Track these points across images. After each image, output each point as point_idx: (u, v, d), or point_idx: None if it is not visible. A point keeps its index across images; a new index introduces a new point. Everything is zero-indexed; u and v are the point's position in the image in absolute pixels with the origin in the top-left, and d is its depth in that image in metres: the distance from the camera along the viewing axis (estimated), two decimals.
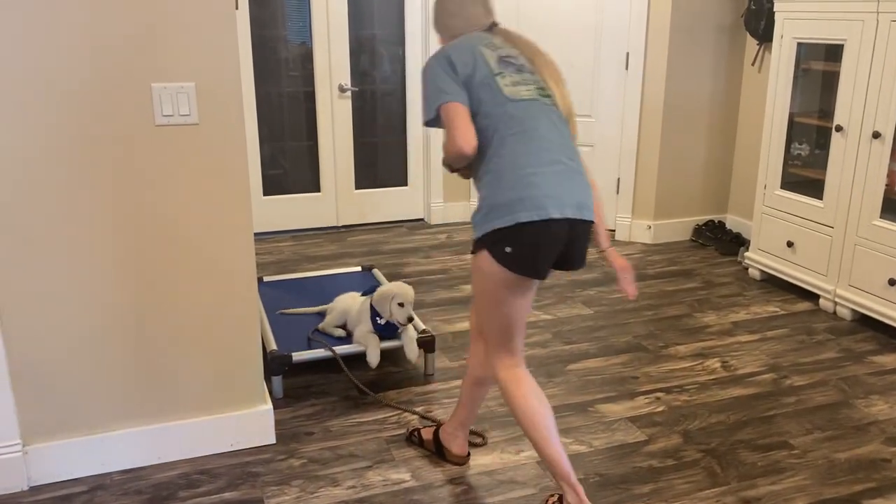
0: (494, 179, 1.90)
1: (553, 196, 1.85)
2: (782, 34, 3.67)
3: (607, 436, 2.54)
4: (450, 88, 1.93)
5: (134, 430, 2.32)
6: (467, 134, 1.90)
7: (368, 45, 4.70)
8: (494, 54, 2.00)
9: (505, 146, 1.91)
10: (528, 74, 2.01)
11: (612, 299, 3.72)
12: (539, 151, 1.90)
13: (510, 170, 1.88)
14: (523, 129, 1.91)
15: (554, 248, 1.91)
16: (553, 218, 1.84)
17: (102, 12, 1.98)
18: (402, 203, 5.01)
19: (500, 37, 2.09)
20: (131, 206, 2.14)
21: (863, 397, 2.79)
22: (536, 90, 1.99)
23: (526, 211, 1.84)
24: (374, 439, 2.51)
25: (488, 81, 1.94)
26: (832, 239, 3.50)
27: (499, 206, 1.87)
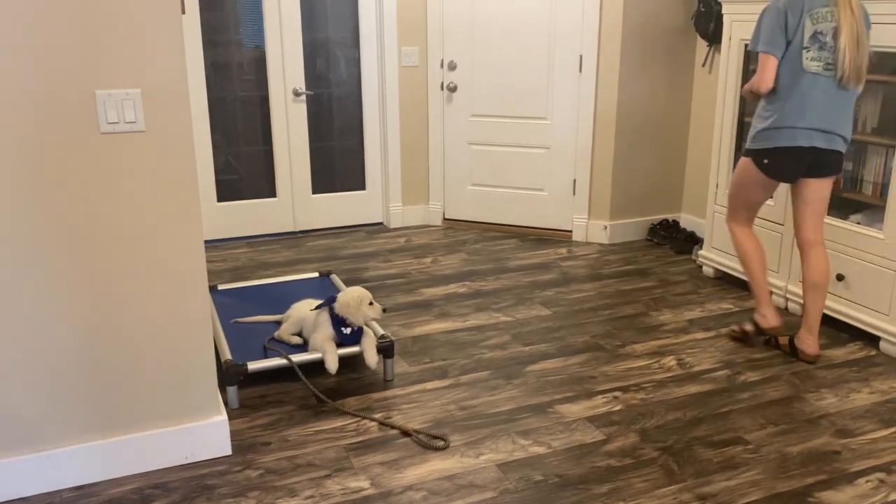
0: (777, 112, 2.84)
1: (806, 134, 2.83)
2: (730, 36, 3.74)
3: (566, 436, 2.55)
4: (775, 44, 2.78)
5: (84, 445, 2.26)
6: (769, 81, 2.81)
7: (323, 49, 4.67)
8: (812, 28, 2.76)
9: (785, 96, 2.81)
10: (826, 52, 2.77)
11: (570, 300, 3.75)
12: (805, 106, 2.79)
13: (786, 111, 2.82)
14: (801, 91, 2.79)
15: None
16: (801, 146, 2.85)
17: (43, 18, 1.93)
18: (361, 207, 4.99)
19: (834, 2, 2.75)
20: (77, 216, 2.08)
21: (813, 391, 2.86)
22: (824, 66, 2.79)
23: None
24: (332, 447, 2.49)
25: (797, 53, 2.78)
26: (782, 236, 3.58)
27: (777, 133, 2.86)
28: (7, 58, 1.92)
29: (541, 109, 4.61)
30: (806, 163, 2.87)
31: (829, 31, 2.75)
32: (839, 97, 2.81)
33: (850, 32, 2.73)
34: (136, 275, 2.19)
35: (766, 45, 2.79)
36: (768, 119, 2.86)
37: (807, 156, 2.85)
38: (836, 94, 2.81)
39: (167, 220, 2.18)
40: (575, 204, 4.68)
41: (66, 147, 2.03)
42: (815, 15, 2.75)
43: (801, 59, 2.78)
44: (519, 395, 2.83)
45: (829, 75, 2.78)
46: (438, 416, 2.67)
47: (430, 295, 3.81)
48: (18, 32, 1.92)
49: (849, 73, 2.76)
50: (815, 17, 2.75)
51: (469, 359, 3.12)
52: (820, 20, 2.75)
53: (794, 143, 2.82)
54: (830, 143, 2.84)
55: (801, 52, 2.77)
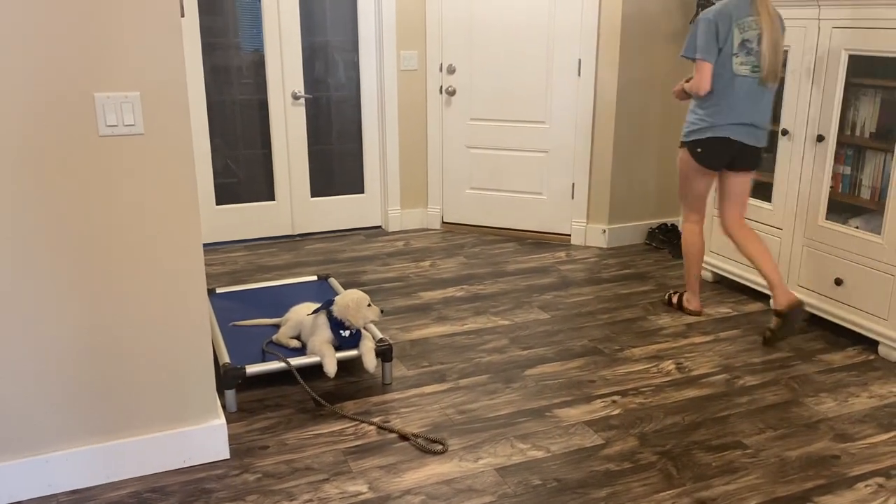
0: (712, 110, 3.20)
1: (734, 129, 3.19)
2: None
3: (564, 440, 2.55)
4: (709, 51, 3.11)
5: (81, 448, 2.25)
6: (707, 84, 3.14)
7: (322, 52, 4.67)
8: (740, 37, 3.10)
9: (719, 97, 3.16)
10: (752, 57, 3.12)
11: (569, 303, 3.75)
12: (736, 106, 3.15)
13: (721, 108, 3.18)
14: (733, 92, 3.14)
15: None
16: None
17: (43, 21, 1.92)
18: (359, 211, 4.98)
19: (756, 11, 3.09)
20: (76, 219, 2.08)
21: (812, 395, 2.86)
22: (751, 69, 3.13)
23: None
24: (330, 451, 2.48)
25: (728, 59, 3.12)
26: (781, 240, 3.58)
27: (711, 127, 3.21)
28: (6, 60, 1.92)
29: (539, 113, 4.62)
30: (732, 154, 3.25)
31: (754, 38, 3.11)
32: (762, 95, 3.18)
33: (769, 38, 3.10)
34: (134, 278, 2.18)
35: (702, 53, 3.13)
36: (704, 117, 3.21)
37: (733, 148, 3.23)
38: (759, 92, 3.18)
39: (166, 223, 2.17)
40: (573, 208, 4.68)
41: (65, 149, 2.03)
42: (742, 24, 3.11)
43: (732, 63, 3.13)
44: (517, 398, 2.83)
45: (755, 76, 3.15)
46: (437, 420, 2.67)
47: (428, 298, 3.81)
48: (18, 35, 1.91)
49: (768, 73, 3.13)
50: (742, 26, 3.11)
51: (467, 363, 3.11)
52: (746, 29, 3.11)
53: (724, 135, 3.20)
54: (754, 138, 3.23)
55: (732, 57, 3.12)
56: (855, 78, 3.22)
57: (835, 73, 3.22)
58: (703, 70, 3.14)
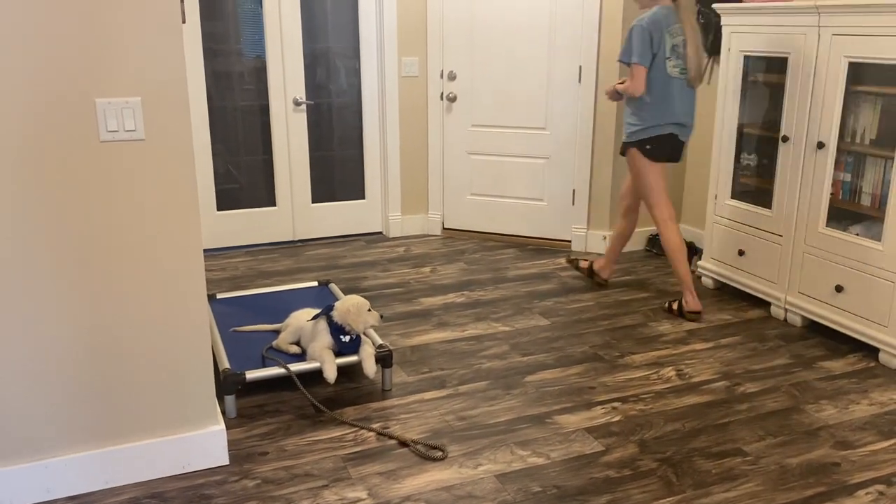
0: (649, 110, 3.49)
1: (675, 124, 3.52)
2: (729, 47, 3.75)
3: (565, 447, 2.54)
4: (644, 55, 3.37)
5: (80, 454, 2.25)
6: (643, 87, 3.42)
7: (323, 59, 4.68)
8: (671, 42, 3.40)
9: (658, 98, 3.45)
10: (680, 60, 3.44)
11: (569, 310, 3.75)
12: (670, 106, 3.46)
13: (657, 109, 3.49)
14: (669, 92, 3.44)
15: None
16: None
17: (44, 27, 1.93)
18: (360, 216, 4.99)
19: (680, 19, 3.42)
20: (77, 224, 2.08)
21: (813, 402, 2.85)
22: (680, 71, 3.45)
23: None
24: (330, 458, 2.48)
25: (662, 63, 3.41)
26: (781, 247, 3.58)
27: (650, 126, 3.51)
28: (8, 65, 1.92)
29: (540, 120, 4.62)
30: (673, 149, 3.57)
31: (681, 43, 3.44)
32: (690, 95, 3.53)
33: (693, 44, 3.44)
34: (134, 283, 2.18)
35: (638, 58, 3.39)
36: (648, 118, 3.50)
37: (675, 143, 3.56)
38: (688, 93, 3.52)
39: (166, 228, 2.18)
40: (574, 214, 4.68)
41: (66, 154, 2.03)
42: (672, 31, 3.42)
43: (666, 67, 3.43)
44: (517, 405, 2.82)
45: (683, 78, 3.48)
46: (437, 427, 2.66)
47: (428, 304, 3.81)
48: (19, 41, 1.92)
49: (695, 75, 3.47)
50: (672, 32, 3.42)
51: (467, 369, 3.11)
52: (675, 35, 3.43)
53: (667, 132, 3.51)
54: (686, 135, 3.58)
55: (665, 61, 3.42)
56: (855, 85, 3.22)
57: (835, 80, 3.22)
58: (640, 74, 3.40)
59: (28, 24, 1.92)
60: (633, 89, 3.44)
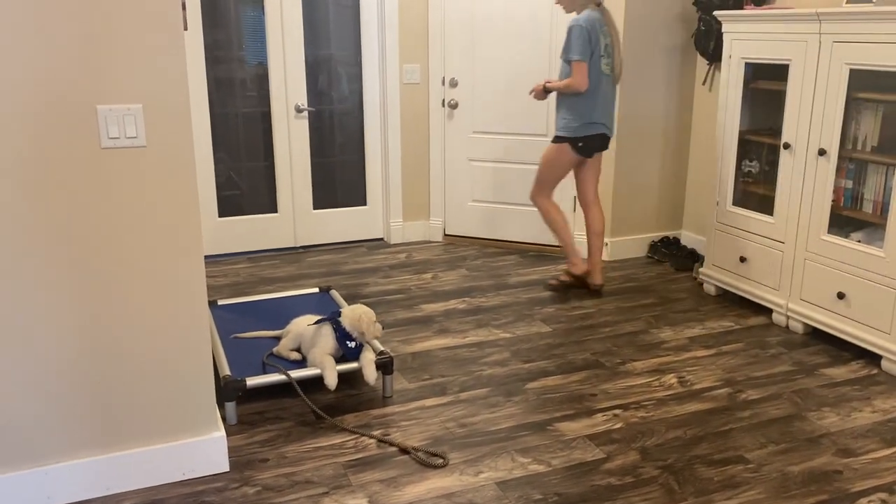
0: (583, 107, 3.74)
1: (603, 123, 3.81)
2: (731, 54, 3.76)
3: (566, 454, 2.54)
4: (584, 53, 3.61)
5: (81, 460, 2.24)
6: (586, 82, 3.64)
7: (325, 66, 4.69)
8: (602, 42, 3.67)
9: (592, 94, 3.70)
10: (609, 59, 3.72)
11: (571, 316, 3.74)
12: (601, 102, 3.74)
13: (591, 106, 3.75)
14: (601, 89, 3.72)
15: None
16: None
17: (46, 34, 1.94)
18: (361, 223, 4.99)
19: (606, 20, 3.70)
20: (77, 230, 2.09)
21: (815, 410, 2.84)
22: (609, 69, 3.74)
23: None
24: (330, 465, 2.47)
25: (597, 59, 3.66)
26: (783, 254, 3.57)
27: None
28: (10, 72, 1.93)
29: (541, 126, 4.62)
30: (600, 144, 3.84)
31: (610, 42, 3.72)
32: (614, 92, 3.83)
33: (618, 43, 3.75)
34: (135, 289, 2.18)
35: (580, 55, 3.61)
36: (584, 113, 3.73)
37: (603, 140, 3.83)
38: (614, 89, 3.82)
39: (167, 235, 2.18)
40: (576, 221, 4.67)
41: (67, 161, 2.03)
42: (603, 31, 3.67)
43: (600, 64, 3.69)
44: (518, 412, 2.82)
45: (611, 75, 3.76)
46: (437, 434, 2.66)
47: (429, 311, 3.81)
48: (21, 48, 1.93)
49: (619, 72, 3.79)
50: (603, 32, 3.68)
51: (469, 375, 3.11)
52: (605, 35, 3.68)
53: (599, 132, 3.78)
54: (611, 129, 3.88)
55: (600, 59, 3.68)
56: (856, 92, 3.23)
57: (836, 87, 3.22)
58: (583, 70, 3.62)
59: (30, 31, 1.93)
60: (578, 85, 3.64)
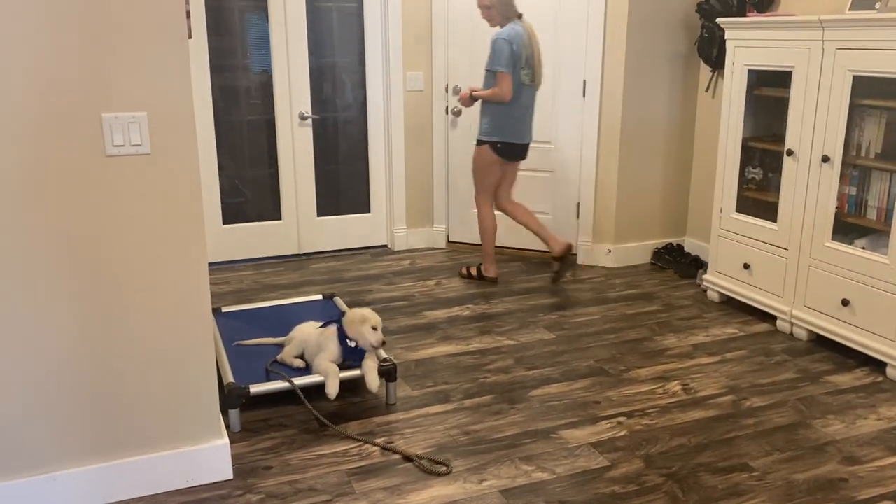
0: (505, 115, 4.01)
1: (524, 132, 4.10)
2: (734, 61, 3.76)
3: (570, 462, 2.53)
4: (507, 65, 3.85)
5: (83, 468, 2.24)
6: (511, 91, 3.90)
7: (329, 73, 4.71)
8: (524, 54, 3.90)
9: (513, 103, 3.96)
10: (529, 70, 3.95)
11: (574, 323, 3.74)
12: (522, 110, 4.02)
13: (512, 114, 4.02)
14: (522, 99, 3.98)
15: None
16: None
17: (51, 41, 1.95)
18: (365, 230, 5.00)
19: (527, 33, 3.92)
20: (82, 237, 2.09)
21: (820, 417, 2.83)
22: (529, 79, 3.97)
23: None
24: (334, 472, 2.47)
25: (518, 71, 3.91)
26: (787, 261, 3.57)
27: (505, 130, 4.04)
28: (16, 80, 1.94)
29: (545, 133, 4.63)
30: (521, 150, 4.08)
31: (530, 54, 3.92)
32: (533, 101, 4.06)
33: (537, 53, 3.96)
34: (138, 296, 2.19)
35: (504, 67, 3.84)
36: (504, 120, 3.98)
37: (522, 149, 4.10)
38: (533, 99, 4.05)
39: (171, 242, 2.18)
40: (579, 227, 4.68)
41: (72, 169, 2.04)
42: (524, 43, 3.88)
43: (521, 75, 3.92)
44: (522, 420, 2.81)
45: (531, 85, 3.99)
46: (441, 441, 2.65)
47: (433, 318, 3.81)
48: (26, 56, 1.94)
49: (539, 81, 4.01)
50: (525, 44, 3.88)
51: (472, 383, 3.10)
52: (525, 47, 3.89)
53: (520, 141, 4.05)
54: (531, 136, 4.12)
55: (521, 71, 3.90)
56: (859, 99, 3.23)
57: (839, 93, 3.22)
58: (507, 81, 3.86)
59: (36, 39, 1.94)
60: (503, 95, 3.89)
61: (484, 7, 3.91)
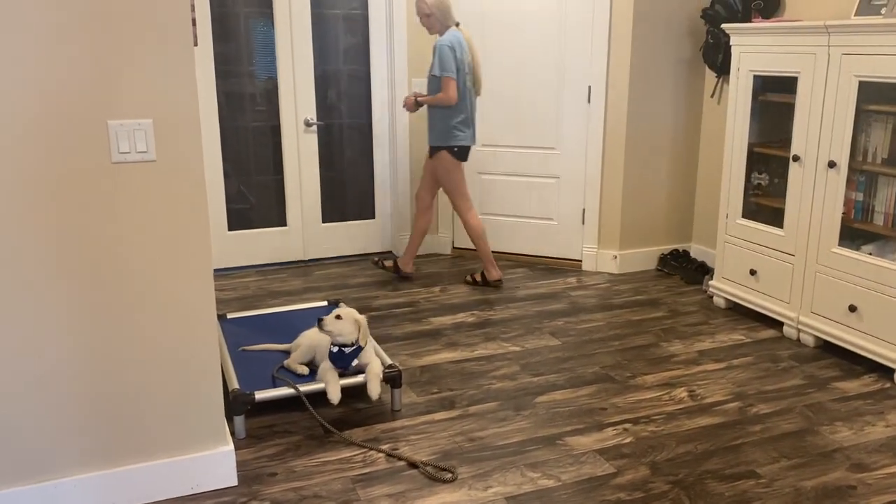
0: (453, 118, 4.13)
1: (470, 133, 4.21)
2: (739, 67, 3.76)
3: (575, 469, 2.52)
4: (452, 70, 3.98)
5: (88, 475, 2.24)
6: (456, 96, 4.02)
7: (334, 80, 4.72)
8: (464, 60, 4.05)
9: (461, 107, 4.10)
10: (469, 75, 4.10)
11: (580, 330, 3.73)
12: (468, 113, 4.15)
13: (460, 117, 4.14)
14: (467, 103, 4.12)
15: None
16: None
17: (57, 50, 1.96)
18: (370, 236, 5.00)
19: (467, 41, 4.08)
20: (87, 244, 2.10)
21: (827, 424, 2.81)
22: (471, 83, 4.13)
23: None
24: (339, 479, 2.46)
25: (463, 76, 4.05)
26: (793, 267, 3.55)
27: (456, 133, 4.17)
28: (22, 88, 1.95)
29: (550, 139, 4.63)
30: (467, 152, 4.20)
31: (469, 60, 4.08)
32: (475, 104, 4.21)
33: (477, 61, 4.13)
34: (144, 303, 2.19)
35: (449, 72, 3.96)
36: (457, 124, 4.09)
37: (467, 151, 4.20)
38: (475, 102, 4.19)
39: (176, 248, 2.19)
40: (584, 233, 4.67)
41: (78, 175, 2.05)
42: (465, 49, 4.03)
43: (465, 80, 4.05)
44: (528, 426, 2.80)
45: (472, 89, 4.14)
46: (446, 448, 2.64)
47: (438, 324, 3.80)
48: (32, 63, 1.94)
49: (480, 87, 4.18)
50: (465, 51, 4.04)
51: (477, 389, 3.09)
52: (466, 53, 4.05)
53: (471, 142, 4.18)
54: (475, 139, 4.22)
55: (465, 76, 4.05)
56: (866, 104, 3.21)
57: (845, 99, 3.21)
58: (452, 85, 3.97)
59: (42, 47, 1.94)
60: (449, 99, 3.99)
61: (424, 15, 4.03)
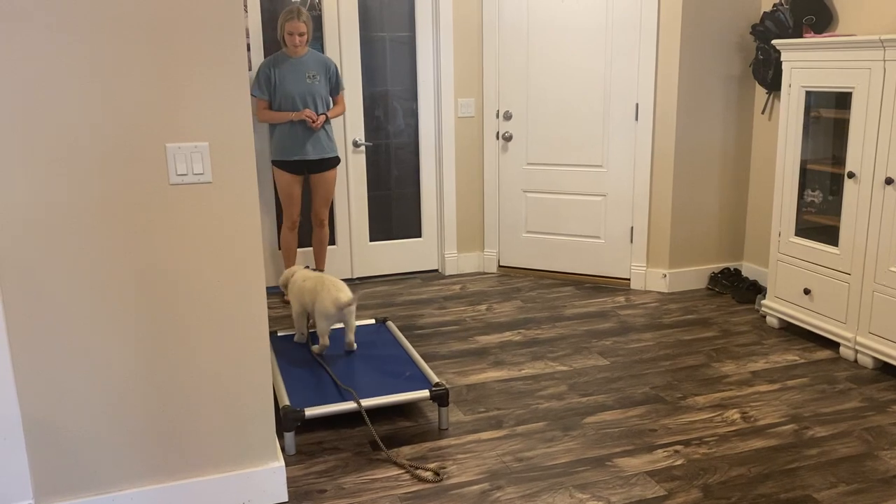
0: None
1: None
2: (790, 83, 3.70)
3: (625, 491, 2.49)
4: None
5: (145, 488, 2.30)
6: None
7: (382, 101, 4.79)
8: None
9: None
10: None
11: (629, 349, 3.69)
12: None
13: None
14: None
15: None
16: None
17: (118, 76, 2.04)
18: (416, 254, 5.03)
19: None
20: (146, 264, 2.17)
21: (888, 448, 2.72)
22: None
23: None
24: (387, 497, 2.47)
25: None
26: (849, 286, 3.46)
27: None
28: (85, 114, 2.03)
29: (597, 157, 4.61)
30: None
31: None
32: None
33: None
34: (198, 321, 2.25)
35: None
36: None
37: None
38: None
39: (231, 267, 2.24)
40: (633, 251, 4.63)
41: (138, 197, 2.12)
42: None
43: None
44: (576, 447, 2.78)
45: None
46: (494, 468, 2.64)
47: (484, 343, 3.80)
48: (96, 90, 2.03)
49: None
50: None
51: (525, 409, 3.08)
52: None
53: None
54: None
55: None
56: None
57: None
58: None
59: (103, 74, 2.03)
60: (342, 113, 4.45)
61: (301, 34, 4.19)
